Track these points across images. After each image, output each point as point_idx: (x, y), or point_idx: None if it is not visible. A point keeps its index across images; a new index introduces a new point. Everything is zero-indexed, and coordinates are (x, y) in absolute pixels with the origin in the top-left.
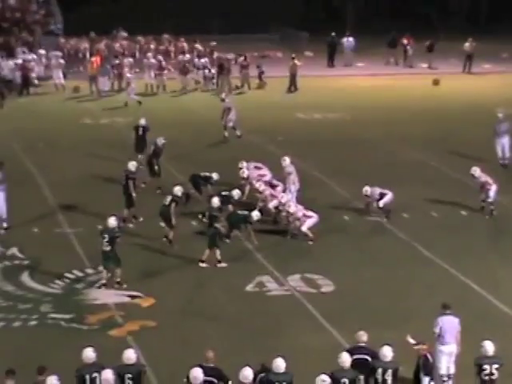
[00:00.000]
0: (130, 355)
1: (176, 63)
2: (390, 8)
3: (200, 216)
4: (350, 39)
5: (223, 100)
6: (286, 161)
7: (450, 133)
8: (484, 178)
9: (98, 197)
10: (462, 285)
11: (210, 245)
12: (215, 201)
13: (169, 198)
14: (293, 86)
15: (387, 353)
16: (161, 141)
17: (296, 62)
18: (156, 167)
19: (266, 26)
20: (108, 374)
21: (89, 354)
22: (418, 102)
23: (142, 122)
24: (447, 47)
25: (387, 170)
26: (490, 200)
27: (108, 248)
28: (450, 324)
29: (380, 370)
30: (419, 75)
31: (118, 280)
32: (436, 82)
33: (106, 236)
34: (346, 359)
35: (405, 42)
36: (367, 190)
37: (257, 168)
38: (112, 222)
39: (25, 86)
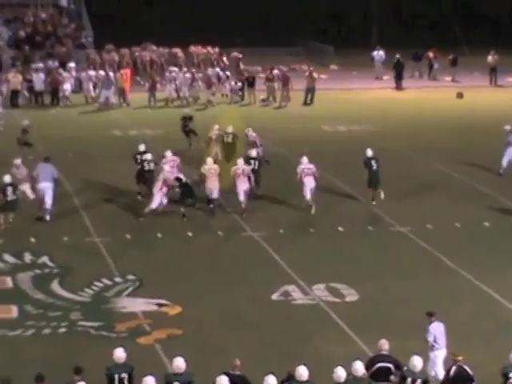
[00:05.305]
0: (180, 364)
1: (204, 76)
2: (413, 22)
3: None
4: (381, 53)
5: None
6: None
7: (473, 144)
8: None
9: (126, 207)
10: (484, 295)
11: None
12: None
13: None
14: (309, 99)
15: (417, 363)
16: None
17: (314, 75)
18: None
19: (290, 39)
20: (150, 381)
21: (120, 353)
22: (442, 114)
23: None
24: (471, 61)
25: (411, 181)
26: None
27: (14, 197)
28: (440, 330)
29: (409, 380)
30: (443, 88)
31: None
32: (460, 95)
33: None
34: (359, 367)
35: (431, 55)
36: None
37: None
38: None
39: (54, 98)
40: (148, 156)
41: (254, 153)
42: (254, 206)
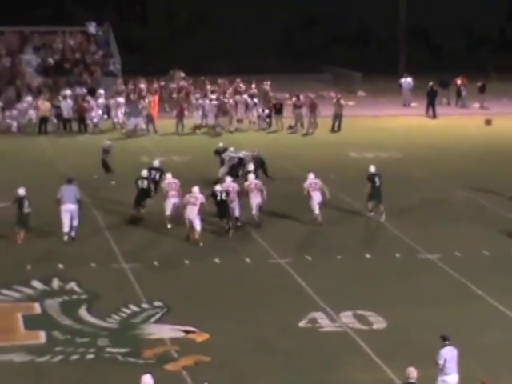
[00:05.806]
0: None
1: (222, 103)
2: (440, 49)
3: None
4: (409, 79)
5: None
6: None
7: (501, 171)
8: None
9: (153, 233)
10: None
11: None
12: None
13: None
14: (337, 125)
15: None
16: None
17: (342, 101)
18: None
19: (318, 65)
20: None
21: (147, 380)
22: (470, 141)
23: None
24: (499, 87)
25: (438, 208)
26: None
27: (29, 210)
28: (451, 354)
29: None
30: (471, 115)
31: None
32: (488, 122)
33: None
34: None
35: (459, 82)
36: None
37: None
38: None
39: (81, 124)
40: (143, 173)
41: (251, 167)
42: (283, 232)
